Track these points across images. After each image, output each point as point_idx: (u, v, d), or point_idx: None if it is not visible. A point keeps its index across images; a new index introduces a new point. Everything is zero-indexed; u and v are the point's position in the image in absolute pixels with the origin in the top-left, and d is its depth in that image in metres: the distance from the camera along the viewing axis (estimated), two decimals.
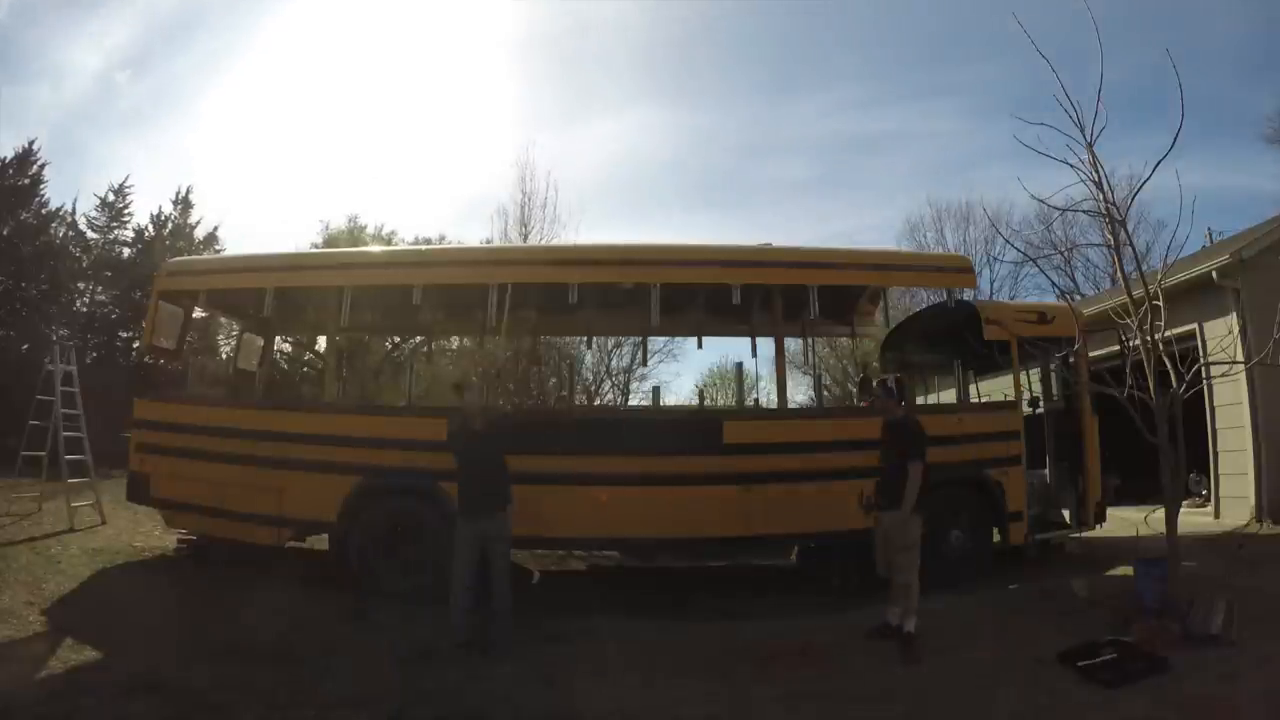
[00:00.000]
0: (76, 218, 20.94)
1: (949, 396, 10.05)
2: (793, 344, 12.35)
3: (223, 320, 10.59)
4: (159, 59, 40.00)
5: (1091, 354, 7.67)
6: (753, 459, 6.46)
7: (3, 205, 19.00)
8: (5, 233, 18.94)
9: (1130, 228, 6.50)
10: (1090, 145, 5.21)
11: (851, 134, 42.89)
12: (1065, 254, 19.72)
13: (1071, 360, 6.75)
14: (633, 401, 23.02)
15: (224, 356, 16.40)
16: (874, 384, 6.52)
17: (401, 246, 17.63)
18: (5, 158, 19.54)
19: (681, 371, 49.88)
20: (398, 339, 15.99)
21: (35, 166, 19.91)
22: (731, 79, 46.22)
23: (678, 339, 19.35)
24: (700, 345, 9.59)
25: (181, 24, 40.83)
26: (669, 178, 45.17)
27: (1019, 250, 25.68)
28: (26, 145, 19.92)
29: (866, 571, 6.71)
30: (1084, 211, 5.94)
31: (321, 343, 13.71)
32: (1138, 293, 5.47)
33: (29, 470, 7.97)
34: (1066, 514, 7.35)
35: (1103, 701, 3.95)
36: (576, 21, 40.85)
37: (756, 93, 46.15)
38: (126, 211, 21.61)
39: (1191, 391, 5.39)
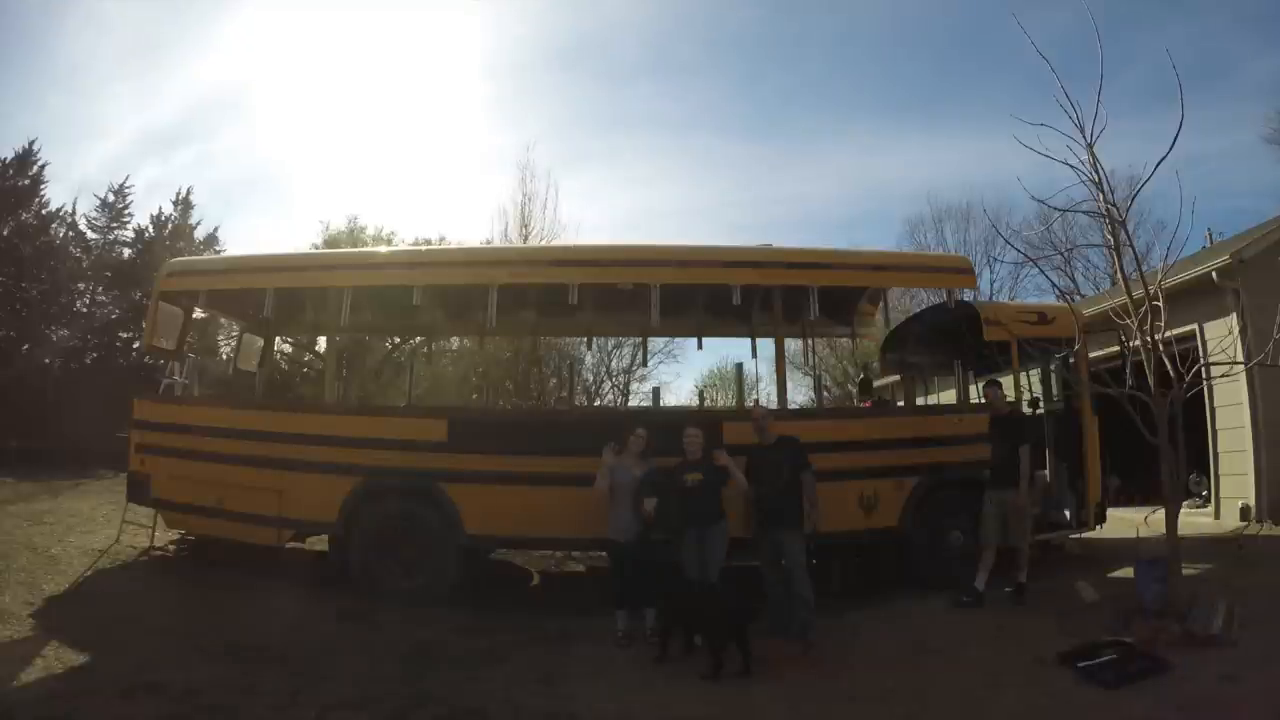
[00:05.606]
0: (76, 218, 20.94)
1: (949, 397, 10.06)
2: (793, 344, 12.37)
3: (223, 320, 10.58)
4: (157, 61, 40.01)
5: (1091, 354, 7.65)
6: None
7: (3, 205, 18.97)
8: (5, 233, 18.92)
9: (1130, 228, 6.50)
10: (1090, 146, 5.22)
11: None
12: (1065, 254, 19.68)
13: (1071, 361, 6.74)
14: (633, 402, 23.10)
15: (224, 356, 16.43)
16: (984, 385, 6.61)
17: (401, 247, 17.62)
18: (5, 158, 19.52)
19: (681, 372, 49.99)
20: (398, 339, 15.99)
21: (35, 167, 19.90)
22: None
23: (678, 339, 19.42)
24: (700, 346, 9.66)
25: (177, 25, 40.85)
26: None
27: (1019, 251, 25.74)
28: (26, 145, 19.92)
29: (866, 571, 6.74)
30: (1084, 212, 5.95)
31: (321, 343, 13.71)
32: (1138, 293, 5.46)
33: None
34: (1067, 514, 7.35)
35: (1103, 702, 3.95)
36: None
37: None
38: (126, 212, 21.62)
39: (1191, 392, 5.38)
